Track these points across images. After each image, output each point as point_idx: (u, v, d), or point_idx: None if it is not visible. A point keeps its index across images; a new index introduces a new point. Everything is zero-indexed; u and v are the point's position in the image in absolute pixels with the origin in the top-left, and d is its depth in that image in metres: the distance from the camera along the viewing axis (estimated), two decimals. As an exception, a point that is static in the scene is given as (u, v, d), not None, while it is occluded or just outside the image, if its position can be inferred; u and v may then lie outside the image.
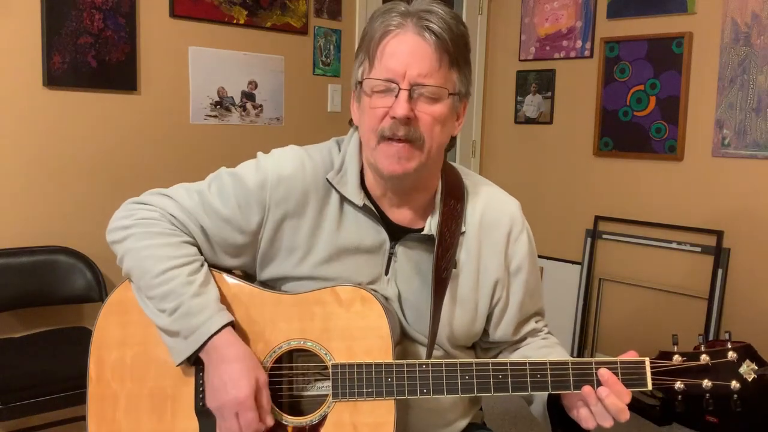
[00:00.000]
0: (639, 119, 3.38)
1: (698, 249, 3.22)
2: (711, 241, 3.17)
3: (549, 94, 3.74)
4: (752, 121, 3.02)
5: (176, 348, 1.14)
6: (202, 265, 1.19)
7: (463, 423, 1.32)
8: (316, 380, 1.18)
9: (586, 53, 3.55)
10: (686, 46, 3.18)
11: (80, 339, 2.43)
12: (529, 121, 3.84)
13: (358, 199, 1.19)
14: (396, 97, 1.10)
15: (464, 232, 1.23)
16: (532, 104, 3.82)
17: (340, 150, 1.25)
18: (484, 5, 3.95)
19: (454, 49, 1.12)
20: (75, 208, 2.59)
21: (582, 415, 1.09)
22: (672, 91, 3.25)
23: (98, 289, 2.48)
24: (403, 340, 1.22)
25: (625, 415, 1.06)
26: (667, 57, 3.25)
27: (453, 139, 1.22)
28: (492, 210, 1.26)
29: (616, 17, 3.43)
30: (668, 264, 3.33)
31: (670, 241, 3.32)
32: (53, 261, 2.47)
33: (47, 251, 2.48)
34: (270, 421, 1.11)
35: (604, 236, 3.56)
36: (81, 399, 2.12)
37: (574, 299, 3.64)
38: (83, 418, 2.47)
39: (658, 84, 3.29)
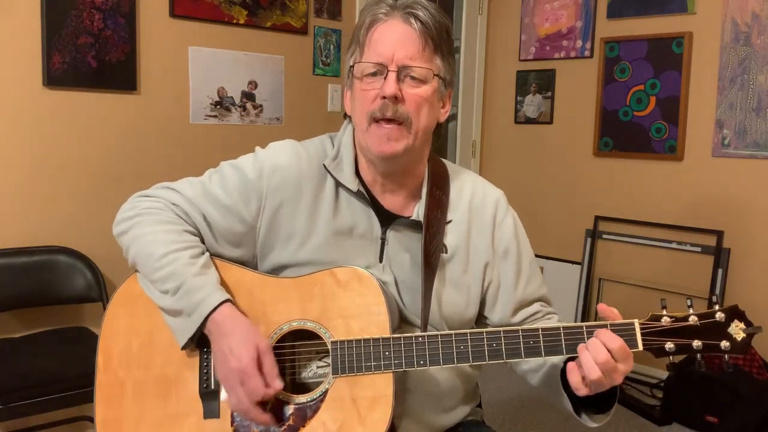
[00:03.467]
0: (639, 119, 3.38)
1: (698, 249, 3.22)
2: (711, 241, 3.17)
3: (549, 94, 3.74)
4: (752, 121, 3.03)
5: (180, 328, 1.18)
6: (203, 253, 1.24)
7: (462, 412, 1.34)
8: (317, 359, 1.21)
9: (586, 53, 3.55)
10: (686, 46, 3.18)
11: (80, 339, 2.43)
12: (529, 121, 3.85)
13: (353, 184, 1.25)
14: (385, 78, 1.18)
15: (450, 221, 1.29)
16: (532, 104, 3.82)
17: (333, 143, 1.32)
18: (484, 5, 3.95)
19: (438, 36, 1.21)
20: (75, 208, 2.59)
21: (573, 380, 1.09)
22: (672, 91, 3.25)
23: (98, 289, 2.48)
24: (402, 324, 1.26)
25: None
26: (667, 57, 3.25)
27: (439, 127, 1.29)
28: (478, 196, 1.33)
29: (616, 17, 3.43)
30: (668, 264, 3.33)
31: (670, 241, 3.32)
32: (53, 261, 2.47)
33: (47, 251, 2.48)
34: (278, 385, 1.12)
35: (604, 236, 3.56)
36: (81, 399, 2.13)
37: (574, 299, 3.64)
38: (83, 418, 2.47)
39: (658, 84, 3.29)
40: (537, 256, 4.00)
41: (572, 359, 1.10)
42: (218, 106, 2.97)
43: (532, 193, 3.82)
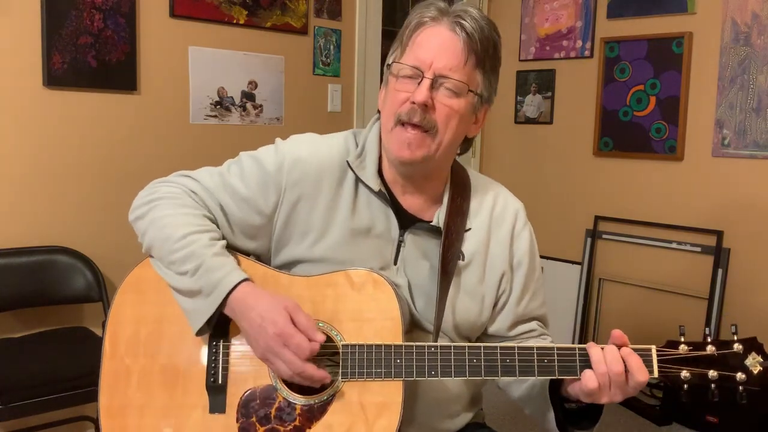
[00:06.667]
0: (639, 119, 3.38)
1: (698, 249, 3.22)
2: (711, 241, 3.17)
3: (549, 94, 3.74)
4: (752, 121, 3.02)
5: (197, 308, 1.16)
6: (222, 238, 1.23)
7: (466, 417, 1.33)
8: (327, 361, 1.20)
9: (586, 53, 3.55)
10: (686, 46, 3.18)
11: (80, 339, 2.43)
12: (529, 121, 3.85)
13: (375, 184, 1.23)
14: (419, 84, 1.15)
15: (469, 229, 1.28)
16: (532, 104, 3.82)
17: (356, 139, 1.30)
18: (484, 5, 3.95)
19: (482, 51, 1.18)
20: (75, 208, 2.59)
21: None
22: (672, 91, 3.25)
23: (98, 289, 2.48)
24: (412, 328, 1.25)
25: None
26: (667, 57, 3.25)
27: (468, 141, 1.28)
28: (500, 207, 1.32)
29: (616, 17, 3.43)
30: (668, 264, 3.33)
31: (670, 241, 3.32)
32: (53, 261, 2.47)
33: (47, 251, 2.48)
34: (320, 337, 1.10)
35: (604, 236, 3.56)
36: (81, 399, 2.12)
37: (574, 299, 3.64)
38: (83, 418, 2.46)
39: (658, 84, 3.29)
40: (539, 258, 3.98)
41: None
42: (218, 106, 2.97)
43: (531, 193, 3.81)
